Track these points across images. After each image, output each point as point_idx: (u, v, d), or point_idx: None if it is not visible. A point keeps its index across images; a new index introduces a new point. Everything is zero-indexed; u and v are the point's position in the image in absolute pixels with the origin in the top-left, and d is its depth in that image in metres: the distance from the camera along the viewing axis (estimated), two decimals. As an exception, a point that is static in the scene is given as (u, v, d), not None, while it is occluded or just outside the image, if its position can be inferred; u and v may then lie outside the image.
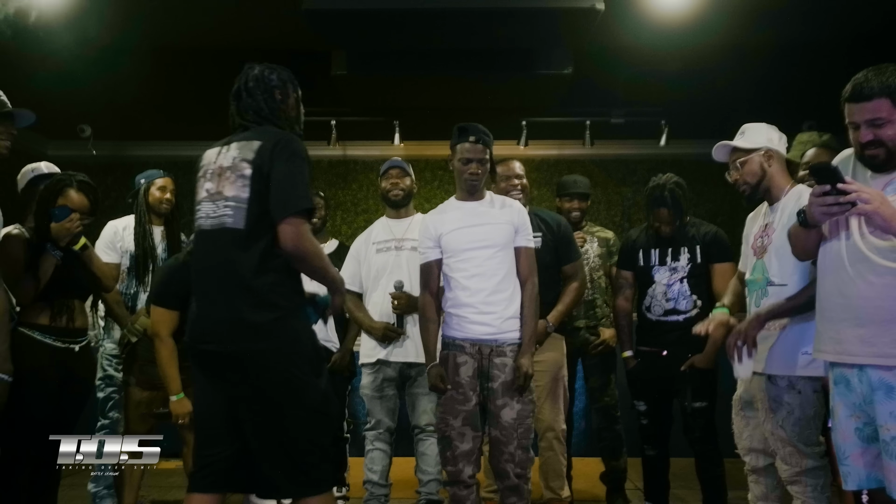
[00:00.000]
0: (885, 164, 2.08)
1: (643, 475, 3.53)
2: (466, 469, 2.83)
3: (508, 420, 2.80)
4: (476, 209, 2.97)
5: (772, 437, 2.60)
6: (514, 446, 2.79)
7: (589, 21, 4.47)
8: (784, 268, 2.55)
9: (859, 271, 2.07)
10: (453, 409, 2.83)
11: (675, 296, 3.33)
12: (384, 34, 4.71)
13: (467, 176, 2.94)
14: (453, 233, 2.93)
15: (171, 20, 4.76)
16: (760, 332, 2.56)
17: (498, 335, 2.85)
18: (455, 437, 2.82)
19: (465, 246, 2.90)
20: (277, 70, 2.45)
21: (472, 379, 2.83)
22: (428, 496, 3.49)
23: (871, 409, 2.05)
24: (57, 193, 2.97)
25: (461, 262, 2.90)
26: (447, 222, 2.96)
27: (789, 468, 2.56)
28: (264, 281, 2.17)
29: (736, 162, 2.69)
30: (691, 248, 3.35)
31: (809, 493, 2.55)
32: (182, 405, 3.02)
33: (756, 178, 2.66)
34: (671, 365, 3.28)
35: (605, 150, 6.43)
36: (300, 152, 2.23)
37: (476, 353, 2.84)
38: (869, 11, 4.69)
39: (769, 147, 2.67)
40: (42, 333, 2.92)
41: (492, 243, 2.89)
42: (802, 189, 2.62)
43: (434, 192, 6.13)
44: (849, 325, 2.09)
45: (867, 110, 2.04)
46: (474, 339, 2.86)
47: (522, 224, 2.97)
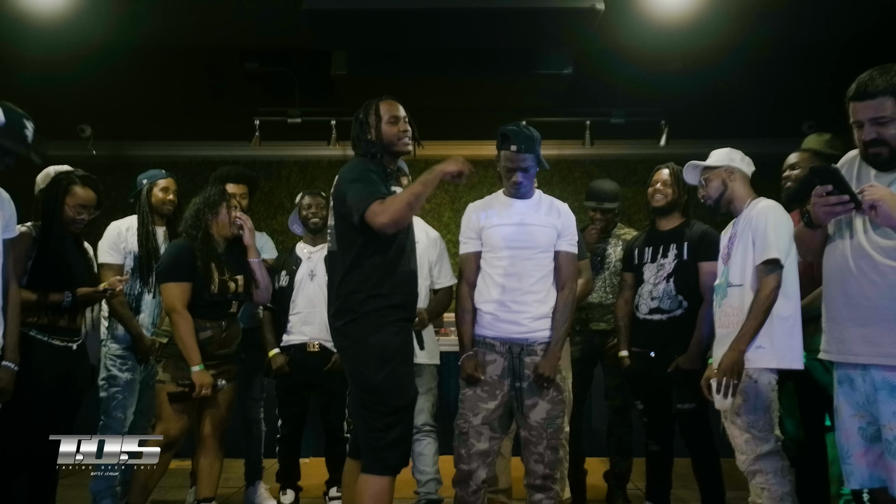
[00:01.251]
0: (889, 162, 2.08)
1: (646, 472, 3.52)
2: (479, 471, 2.80)
3: (538, 420, 2.79)
4: (522, 208, 2.93)
5: (731, 427, 2.72)
6: (544, 446, 2.79)
7: (589, 21, 4.47)
8: (741, 269, 2.75)
9: (863, 270, 2.08)
10: (475, 406, 2.81)
11: (659, 295, 3.33)
12: (384, 34, 4.71)
13: (510, 185, 2.92)
14: (495, 228, 2.90)
15: (171, 20, 4.76)
16: (720, 331, 2.80)
17: (528, 334, 2.83)
18: (472, 435, 2.80)
19: (504, 244, 2.87)
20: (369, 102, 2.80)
21: (500, 378, 2.81)
22: (427, 496, 3.49)
23: (875, 408, 2.06)
24: (63, 192, 2.99)
25: (498, 258, 2.87)
26: (491, 216, 2.93)
27: (746, 456, 2.69)
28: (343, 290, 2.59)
29: (702, 179, 2.96)
30: (679, 245, 3.35)
31: (771, 479, 2.65)
32: (203, 376, 3.05)
33: (718, 192, 2.91)
34: (659, 366, 3.28)
35: (605, 150, 6.43)
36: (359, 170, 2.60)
37: (506, 351, 2.83)
38: (869, 11, 4.69)
39: (730, 165, 2.91)
40: (41, 332, 2.92)
41: (532, 245, 2.87)
42: (759, 200, 2.84)
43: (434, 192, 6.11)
44: (853, 324, 2.09)
45: (871, 108, 2.05)
46: (504, 338, 2.84)
47: (566, 228, 2.94)
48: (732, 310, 2.76)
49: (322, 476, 3.95)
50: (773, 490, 2.65)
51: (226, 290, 3.17)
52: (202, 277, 3.09)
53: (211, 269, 3.13)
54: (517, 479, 3.44)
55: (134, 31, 4.77)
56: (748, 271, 2.72)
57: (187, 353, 3.05)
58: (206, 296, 3.11)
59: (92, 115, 5.94)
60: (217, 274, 3.15)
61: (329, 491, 3.84)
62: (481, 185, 6.06)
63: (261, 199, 6.03)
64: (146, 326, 3.54)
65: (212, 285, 3.11)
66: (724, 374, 2.62)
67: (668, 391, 3.32)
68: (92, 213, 3.12)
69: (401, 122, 2.74)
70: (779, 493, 2.65)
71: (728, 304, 2.78)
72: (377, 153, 2.69)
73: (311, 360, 3.69)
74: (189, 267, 3.09)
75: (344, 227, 2.60)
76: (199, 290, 3.10)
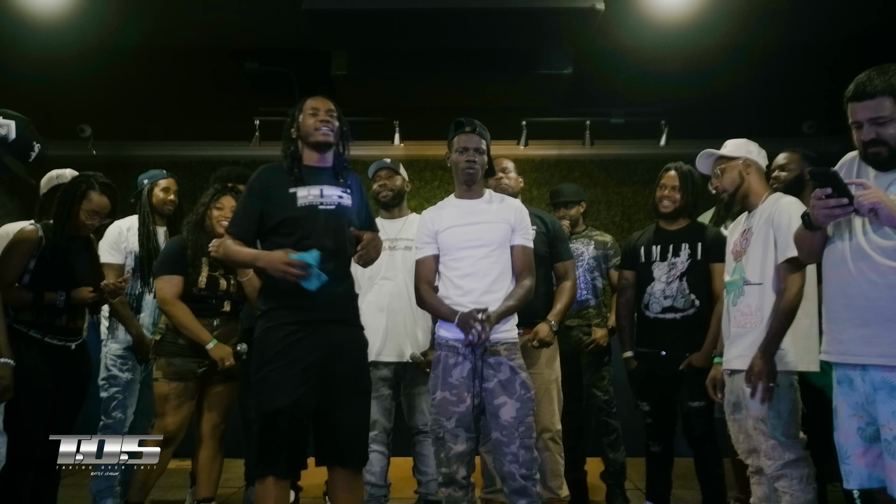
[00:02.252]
0: (888, 162, 2.09)
1: (646, 473, 3.52)
2: (461, 470, 2.80)
3: (508, 419, 2.75)
4: (473, 207, 2.93)
5: (755, 433, 2.65)
6: (517, 446, 2.74)
7: (589, 21, 4.47)
8: (760, 268, 2.68)
9: (862, 271, 2.08)
10: (446, 410, 2.80)
11: (673, 293, 3.33)
12: (384, 34, 4.71)
13: (464, 164, 2.89)
14: (449, 230, 2.90)
15: (171, 20, 4.76)
16: (735, 330, 2.73)
17: (491, 335, 2.78)
18: (448, 439, 2.80)
19: (459, 244, 2.86)
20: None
21: (466, 380, 2.79)
22: (427, 496, 3.49)
23: (874, 408, 2.06)
24: (81, 196, 3.01)
25: (455, 260, 2.87)
26: (444, 219, 2.93)
27: (772, 462, 2.61)
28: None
29: (717, 169, 2.86)
30: (692, 244, 3.35)
31: (795, 485, 2.59)
32: (220, 350, 3.11)
33: (735, 185, 2.83)
34: (670, 365, 3.28)
35: (605, 150, 6.42)
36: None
37: (469, 353, 2.80)
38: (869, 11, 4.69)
39: (748, 157, 2.83)
40: (39, 332, 2.93)
41: (486, 242, 2.85)
42: (780, 195, 2.76)
43: (434, 192, 6.12)
44: (852, 325, 2.09)
45: (870, 109, 2.06)
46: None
47: (520, 222, 2.92)
48: (750, 309, 2.69)
49: (322, 476, 3.92)
50: (795, 496, 2.58)
51: (215, 286, 3.17)
52: (191, 269, 3.11)
53: (200, 263, 3.13)
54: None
55: (134, 31, 4.78)
56: (768, 270, 2.65)
57: (195, 335, 3.09)
58: (194, 290, 3.12)
59: (92, 115, 5.94)
60: (207, 269, 3.14)
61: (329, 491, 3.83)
62: (481, 185, 6.05)
63: (261, 198, 6.03)
64: (147, 326, 3.54)
65: (199, 279, 3.11)
66: (758, 380, 2.54)
67: (674, 392, 3.32)
68: (103, 219, 3.14)
69: (321, 114, 2.70)
70: (801, 501, 2.58)
71: (745, 304, 2.72)
72: (293, 149, 2.72)
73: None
74: (180, 260, 3.13)
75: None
76: (189, 284, 3.12)
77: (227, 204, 3.26)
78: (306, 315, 2.56)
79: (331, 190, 2.69)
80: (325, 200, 2.66)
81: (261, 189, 2.67)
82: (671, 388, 3.33)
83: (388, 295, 3.47)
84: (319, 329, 2.58)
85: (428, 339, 3.51)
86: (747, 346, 2.66)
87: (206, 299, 3.18)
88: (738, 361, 2.69)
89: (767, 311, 2.63)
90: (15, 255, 2.85)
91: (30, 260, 2.94)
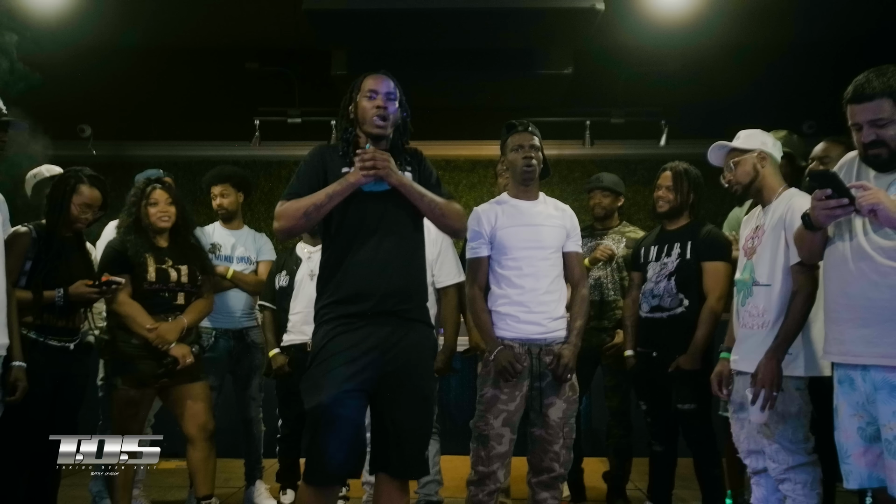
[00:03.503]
0: (889, 163, 2.08)
1: (649, 472, 3.51)
2: (499, 472, 2.79)
3: (555, 419, 2.79)
4: (531, 208, 2.92)
5: (759, 435, 2.62)
6: (560, 445, 2.80)
7: (589, 21, 4.48)
8: (770, 269, 2.58)
9: (863, 271, 2.07)
10: (496, 408, 2.78)
11: (660, 292, 3.32)
12: (384, 34, 4.71)
13: (522, 161, 2.86)
14: (508, 230, 2.88)
15: (170, 20, 4.76)
16: (742, 331, 2.65)
17: (547, 334, 2.82)
18: (493, 438, 2.78)
19: (519, 245, 2.85)
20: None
21: (520, 379, 2.79)
22: (427, 497, 3.49)
23: (874, 408, 2.05)
24: (71, 190, 3.00)
25: (513, 260, 2.85)
26: (501, 217, 2.91)
27: (777, 465, 2.58)
28: None
29: (730, 162, 2.73)
30: (683, 244, 3.34)
31: (799, 490, 2.55)
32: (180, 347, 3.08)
33: (749, 179, 2.69)
34: (661, 366, 3.27)
35: (605, 150, 6.42)
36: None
37: (526, 352, 2.81)
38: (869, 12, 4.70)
39: (763, 150, 2.70)
40: (38, 332, 2.92)
41: (546, 245, 2.87)
42: (794, 192, 2.65)
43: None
44: (853, 325, 2.09)
45: (869, 110, 2.05)
46: (524, 339, 2.81)
47: (574, 229, 2.96)
48: (758, 311, 2.61)
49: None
50: (798, 500, 2.54)
51: (166, 278, 3.14)
52: (135, 267, 3.09)
53: (145, 260, 3.12)
54: (515, 478, 3.44)
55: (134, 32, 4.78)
56: (778, 272, 2.55)
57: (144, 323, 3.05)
58: (144, 285, 3.09)
59: (92, 115, 5.94)
60: (155, 263, 3.14)
61: (329, 491, 3.83)
62: (481, 185, 6.06)
63: (260, 199, 6.04)
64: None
65: (147, 274, 3.10)
66: (762, 386, 2.43)
67: (670, 391, 3.32)
68: (96, 213, 3.11)
69: (379, 98, 2.43)
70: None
71: (753, 305, 2.64)
72: (351, 131, 2.47)
73: (312, 360, 3.69)
74: (121, 260, 3.09)
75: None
76: (139, 281, 3.08)
77: (160, 198, 3.21)
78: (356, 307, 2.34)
79: None
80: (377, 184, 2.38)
81: (320, 163, 2.44)
82: (665, 389, 3.32)
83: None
84: (372, 322, 2.34)
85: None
86: (751, 348, 2.61)
87: (158, 293, 3.14)
88: (743, 363, 2.64)
89: (772, 314, 2.55)
90: (10, 257, 2.84)
91: (25, 262, 2.93)
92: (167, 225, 3.23)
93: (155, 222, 3.19)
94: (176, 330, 3.11)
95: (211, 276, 3.35)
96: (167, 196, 3.22)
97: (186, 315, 3.17)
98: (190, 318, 3.18)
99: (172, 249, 3.22)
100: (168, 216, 3.22)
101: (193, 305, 3.23)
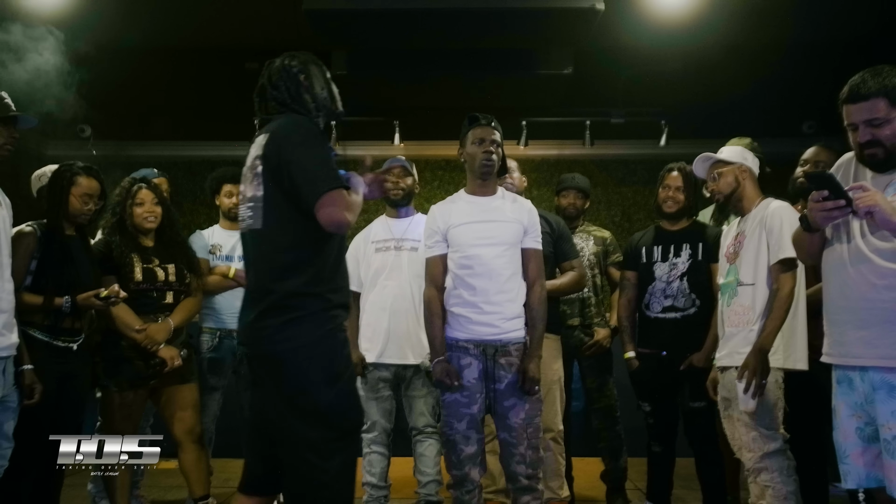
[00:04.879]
0: (885, 163, 2.09)
1: (648, 473, 3.52)
2: (472, 472, 2.79)
3: (517, 421, 2.75)
4: (487, 204, 2.88)
5: (738, 424, 2.74)
6: (525, 447, 2.75)
7: (589, 21, 4.48)
8: (753, 269, 2.76)
9: (862, 273, 2.08)
10: (458, 412, 2.77)
11: (673, 293, 3.33)
12: (384, 34, 4.72)
13: (482, 155, 2.84)
14: (461, 227, 2.84)
15: (170, 20, 4.76)
16: (729, 329, 2.81)
17: (502, 335, 2.77)
18: (460, 441, 2.77)
19: (472, 242, 2.81)
20: (298, 55, 2.29)
21: (478, 381, 2.77)
22: (427, 497, 3.49)
23: (873, 408, 2.06)
24: (69, 183, 3.00)
25: (466, 258, 2.81)
26: (455, 215, 2.87)
27: (753, 454, 2.70)
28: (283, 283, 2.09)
29: (714, 172, 2.93)
30: (694, 245, 3.35)
31: (777, 477, 2.66)
32: (168, 350, 3.10)
33: (730, 189, 2.90)
34: (671, 365, 3.28)
35: (605, 150, 6.43)
36: (310, 133, 2.14)
37: (480, 353, 2.78)
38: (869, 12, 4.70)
39: (744, 164, 2.90)
40: (43, 332, 2.92)
41: (500, 241, 2.81)
42: (770, 200, 2.84)
43: (434, 192, 6.12)
44: (851, 326, 2.09)
45: (864, 110, 2.06)
46: (478, 340, 2.78)
47: (532, 224, 2.89)
48: (743, 309, 2.77)
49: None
50: (777, 488, 2.66)
51: (153, 277, 3.14)
52: (121, 267, 3.08)
53: (131, 259, 3.11)
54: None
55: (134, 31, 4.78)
56: (761, 271, 2.73)
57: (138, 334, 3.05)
58: (131, 286, 3.09)
59: (92, 115, 5.94)
60: (141, 263, 3.13)
61: (329, 491, 3.83)
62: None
63: (261, 198, 6.03)
64: None
65: (134, 274, 3.10)
66: (752, 375, 2.60)
67: (675, 392, 3.32)
68: (97, 203, 3.10)
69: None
70: (783, 492, 2.66)
71: (738, 304, 2.79)
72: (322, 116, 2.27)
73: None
74: (106, 261, 3.09)
75: (283, 200, 2.10)
76: (125, 281, 3.07)
77: (146, 198, 3.20)
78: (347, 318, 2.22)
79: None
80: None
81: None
82: (672, 389, 3.33)
83: (392, 296, 3.46)
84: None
85: None
86: (737, 343, 2.76)
87: (145, 293, 3.14)
88: (728, 358, 2.80)
89: (759, 309, 2.71)
90: (15, 257, 2.84)
91: (31, 261, 2.93)
92: (153, 225, 3.23)
93: (141, 223, 3.19)
94: (164, 331, 3.12)
95: (198, 275, 3.35)
96: (153, 196, 3.22)
97: (174, 316, 3.18)
98: (177, 319, 3.19)
99: (158, 249, 3.22)
100: (154, 216, 3.22)
101: (182, 305, 3.24)
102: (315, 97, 2.24)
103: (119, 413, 3.10)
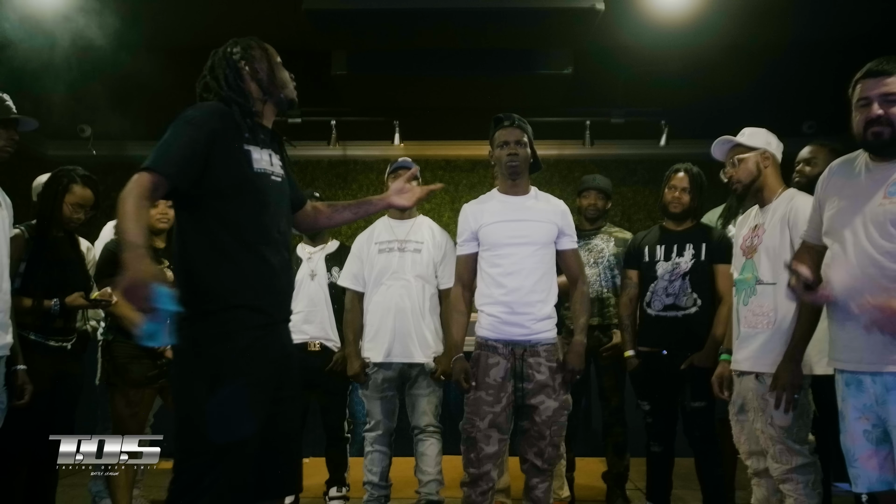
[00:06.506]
0: (889, 145, 2.05)
1: (647, 472, 3.52)
2: (492, 472, 2.78)
3: (544, 418, 2.76)
4: (519, 203, 2.88)
5: (762, 436, 2.60)
6: (546, 443, 2.77)
7: (589, 21, 4.48)
8: (773, 267, 2.57)
9: (872, 277, 2.03)
10: (480, 410, 2.76)
11: (675, 291, 3.33)
12: (384, 34, 4.72)
13: (506, 158, 2.84)
14: (493, 225, 2.84)
15: (170, 20, 4.77)
16: (745, 330, 2.63)
17: (532, 336, 2.78)
18: (480, 440, 2.76)
19: (504, 241, 2.81)
20: (241, 41, 2.21)
21: (504, 381, 2.76)
22: (428, 497, 3.49)
23: (884, 410, 2.02)
24: (63, 190, 2.99)
25: (498, 257, 2.81)
26: (487, 213, 2.87)
27: (780, 465, 2.57)
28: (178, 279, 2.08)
29: (734, 158, 2.72)
30: (697, 245, 3.34)
31: (801, 490, 2.55)
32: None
33: (751, 177, 2.69)
34: (671, 364, 3.28)
35: (605, 150, 6.43)
36: (189, 116, 2.04)
37: (509, 353, 2.78)
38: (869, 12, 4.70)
39: (767, 149, 2.71)
40: (37, 333, 2.92)
41: (533, 240, 2.81)
42: (794, 192, 2.66)
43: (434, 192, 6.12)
44: (864, 331, 2.01)
45: (882, 84, 2.04)
46: (507, 340, 2.78)
47: (567, 225, 2.90)
48: (763, 310, 2.59)
49: (322, 476, 3.94)
50: (800, 500, 2.54)
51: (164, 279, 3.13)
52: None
53: None
54: (515, 477, 3.44)
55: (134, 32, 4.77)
56: (782, 269, 2.43)
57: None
58: None
59: (92, 115, 5.94)
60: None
61: (329, 491, 3.83)
62: (481, 185, 6.04)
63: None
64: None
65: None
66: (783, 389, 2.39)
67: (675, 391, 3.32)
68: (88, 212, 3.10)
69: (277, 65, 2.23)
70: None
71: (757, 304, 2.61)
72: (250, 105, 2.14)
73: (312, 359, 3.68)
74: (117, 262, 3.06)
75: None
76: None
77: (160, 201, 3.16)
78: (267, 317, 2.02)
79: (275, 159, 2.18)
80: (274, 171, 2.13)
81: (211, 131, 2.02)
82: (672, 388, 3.33)
83: (397, 296, 3.47)
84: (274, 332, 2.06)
85: (436, 341, 3.50)
86: (758, 347, 2.59)
87: None
88: (748, 363, 2.63)
89: (781, 312, 2.53)
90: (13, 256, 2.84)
91: (20, 263, 2.93)
92: (166, 227, 3.24)
93: (154, 224, 3.18)
94: None
95: None
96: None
97: None
98: None
99: (169, 250, 3.21)
100: (167, 219, 3.22)
101: None
102: (260, 82, 2.17)
103: (125, 412, 3.11)
